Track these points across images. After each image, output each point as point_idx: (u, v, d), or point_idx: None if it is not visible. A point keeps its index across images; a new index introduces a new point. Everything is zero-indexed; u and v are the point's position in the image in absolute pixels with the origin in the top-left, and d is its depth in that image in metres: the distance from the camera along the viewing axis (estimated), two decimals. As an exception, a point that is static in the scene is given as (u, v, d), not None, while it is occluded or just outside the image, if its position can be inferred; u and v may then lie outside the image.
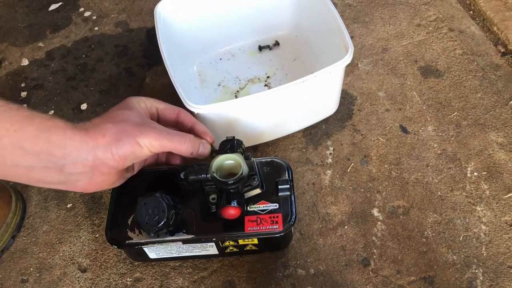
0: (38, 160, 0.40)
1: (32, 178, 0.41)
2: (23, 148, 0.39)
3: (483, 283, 0.55)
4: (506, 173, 0.64)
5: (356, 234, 0.60)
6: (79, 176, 0.43)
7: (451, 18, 0.84)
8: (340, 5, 0.88)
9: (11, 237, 0.63)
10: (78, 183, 0.44)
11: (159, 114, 0.52)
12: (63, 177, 0.42)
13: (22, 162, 0.40)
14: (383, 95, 0.74)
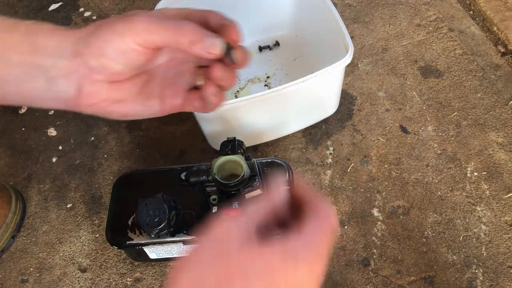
0: (22, 70, 0.35)
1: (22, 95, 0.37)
2: (7, 58, 0.35)
3: (483, 283, 0.55)
4: (506, 173, 0.64)
5: (356, 234, 0.60)
6: (66, 85, 0.36)
7: (451, 18, 0.84)
8: (340, 5, 0.88)
9: (11, 237, 0.63)
10: (69, 95, 0.36)
11: None
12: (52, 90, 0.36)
13: (8, 75, 0.35)
14: (383, 95, 0.74)
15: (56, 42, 0.35)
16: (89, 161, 0.71)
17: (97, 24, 0.34)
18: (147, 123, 0.75)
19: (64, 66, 0.35)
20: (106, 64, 0.35)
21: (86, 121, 0.76)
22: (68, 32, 0.35)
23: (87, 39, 0.34)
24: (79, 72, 0.35)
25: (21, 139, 0.75)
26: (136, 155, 0.71)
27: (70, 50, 0.34)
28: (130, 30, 0.33)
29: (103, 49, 0.34)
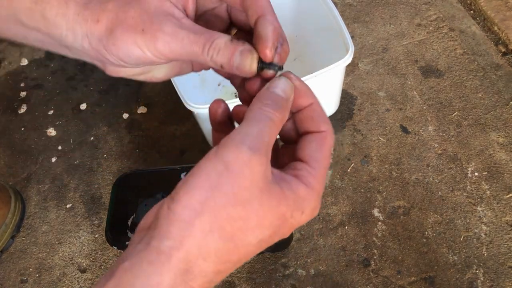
0: (41, 36, 0.32)
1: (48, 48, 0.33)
2: (21, 21, 0.31)
3: (483, 283, 0.55)
4: (507, 173, 0.64)
5: (356, 235, 0.60)
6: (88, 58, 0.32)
7: (452, 18, 0.84)
8: (340, 4, 0.88)
9: (11, 238, 0.63)
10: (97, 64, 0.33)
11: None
12: (76, 55, 0.32)
13: (27, 35, 0.32)
14: (383, 95, 0.74)
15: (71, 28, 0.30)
16: (89, 161, 0.71)
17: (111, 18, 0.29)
18: (147, 123, 0.75)
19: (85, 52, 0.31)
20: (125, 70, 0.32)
21: (86, 121, 0.76)
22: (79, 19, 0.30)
23: (101, 41, 0.30)
24: (99, 59, 0.32)
25: (21, 139, 0.75)
26: (136, 155, 0.71)
27: (87, 45, 0.31)
28: (154, 48, 0.29)
29: (123, 58, 0.30)
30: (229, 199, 0.24)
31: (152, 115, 0.76)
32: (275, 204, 0.25)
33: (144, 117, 0.75)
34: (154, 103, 0.77)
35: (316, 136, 0.28)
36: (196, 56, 0.29)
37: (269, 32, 0.29)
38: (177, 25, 0.29)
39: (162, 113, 0.76)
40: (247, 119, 0.26)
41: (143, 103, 0.77)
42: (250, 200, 0.25)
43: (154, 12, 0.29)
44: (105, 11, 0.29)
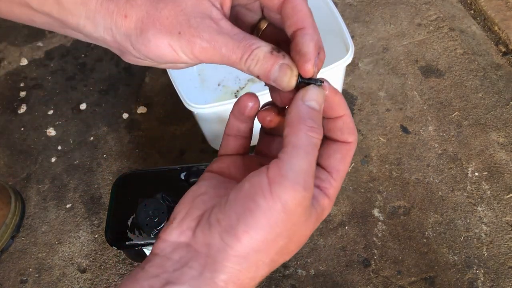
0: (52, 21, 0.30)
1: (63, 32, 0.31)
2: (29, 5, 0.29)
3: (484, 283, 0.55)
4: (507, 173, 0.64)
5: (356, 235, 0.60)
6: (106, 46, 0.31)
7: (452, 18, 0.83)
8: (340, 4, 0.88)
9: (10, 238, 0.63)
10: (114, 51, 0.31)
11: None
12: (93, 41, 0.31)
13: (34, 18, 0.30)
14: (383, 95, 0.74)
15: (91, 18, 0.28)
16: (89, 161, 0.71)
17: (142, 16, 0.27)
18: (147, 123, 0.74)
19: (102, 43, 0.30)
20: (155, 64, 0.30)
21: (85, 121, 0.76)
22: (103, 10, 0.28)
23: (128, 37, 0.28)
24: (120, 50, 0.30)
25: (20, 139, 0.75)
26: (136, 155, 0.71)
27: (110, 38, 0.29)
28: (187, 51, 0.27)
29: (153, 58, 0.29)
30: (283, 235, 0.26)
31: (152, 115, 0.76)
32: (312, 226, 0.27)
33: (144, 117, 0.75)
34: (154, 103, 0.77)
35: (342, 147, 0.29)
36: (232, 64, 0.28)
37: (310, 49, 0.27)
38: (215, 31, 0.27)
39: (162, 113, 0.75)
40: (295, 146, 0.25)
41: (143, 103, 0.77)
42: (297, 231, 0.26)
43: (192, 12, 0.27)
44: (134, 7, 0.27)
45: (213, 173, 0.31)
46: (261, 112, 0.31)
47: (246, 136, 0.33)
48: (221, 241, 0.25)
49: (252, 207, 0.25)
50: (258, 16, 0.32)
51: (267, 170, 0.25)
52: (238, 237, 0.25)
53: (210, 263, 0.25)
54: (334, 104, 0.28)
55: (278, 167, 0.25)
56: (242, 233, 0.25)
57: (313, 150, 0.26)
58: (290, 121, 0.26)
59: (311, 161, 0.25)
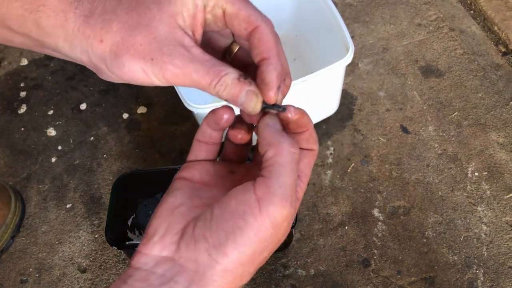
0: (30, 42, 0.31)
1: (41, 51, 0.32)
2: (11, 28, 0.30)
3: (483, 283, 0.55)
4: (507, 173, 0.64)
5: (356, 235, 0.60)
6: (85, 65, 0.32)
7: (452, 18, 0.84)
8: (340, 4, 0.88)
9: (11, 238, 0.63)
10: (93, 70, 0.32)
11: (226, 20, 0.31)
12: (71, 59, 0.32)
13: (13, 39, 0.31)
14: (383, 95, 0.74)
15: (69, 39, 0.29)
16: (89, 161, 0.71)
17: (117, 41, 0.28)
18: (147, 123, 0.75)
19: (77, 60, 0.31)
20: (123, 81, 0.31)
21: (86, 121, 0.76)
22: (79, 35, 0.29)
23: (103, 60, 0.29)
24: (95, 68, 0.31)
25: (20, 139, 0.75)
26: (136, 155, 0.71)
27: (87, 59, 0.30)
28: (159, 76, 0.29)
29: (126, 79, 0.30)
30: (269, 247, 0.28)
31: (152, 115, 0.76)
32: (286, 229, 0.29)
33: (144, 117, 0.75)
34: (154, 103, 0.77)
35: (308, 153, 0.32)
36: (203, 88, 0.29)
37: (273, 78, 0.29)
38: (187, 58, 0.29)
39: (162, 113, 0.75)
40: (282, 165, 0.27)
41: (143, 103, 0.77)
42: (280, 239, 0.28)
43: (165, 40, 0.28)
44: (109, 33, 0.28)
45: (185, 180, 0.32)
46: (233, 130, 0.33)
47: (217, 142, 0.34)
48: (209, 257, 0.26)
49: (241, 224, 0.26)
50: (230, 40, 0.34)
51: (255, 188, 0.27)
52: (227, 253, 0.26)
53: (198, 279, 0.26)
54: (302, 123, 0.31)
55: (266, 186, 0.27)
56: (231, 249, 0.26)
57: (296, 166, 0.28)
58: (270, 142, 0.28)
59: (295, 177, 0.28)
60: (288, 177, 0.27)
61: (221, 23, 0.31)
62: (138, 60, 0.28)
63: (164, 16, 0.29)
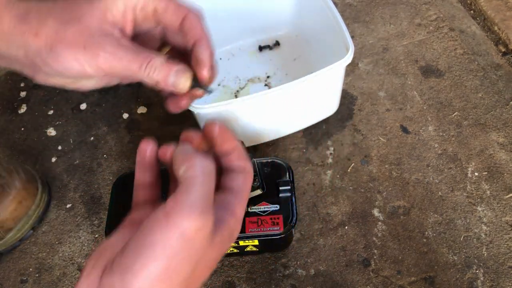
0: None
1: None
2: None
3: (483, 283, 0.55)
4: (507, 173, 0.64)
5: (356, 235, 0.60)
6: (20, 66, 0.34)
7: (452, 18, 0.84)
8: (340, 4, 0.88)
9: (31, 229, 0.63)
10: (27, 73, 0.34)
11: (158, 17, 0.34)
12: (7, 63, 0.34)
13: None
14: (383, 95, 0.74)
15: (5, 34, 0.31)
16: (89, 161, 0.71)
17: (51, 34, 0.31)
18: (147, 123, 0.75)
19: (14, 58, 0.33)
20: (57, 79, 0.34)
21: (86, 121, 0.76)
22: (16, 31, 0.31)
23: (39, 53, 0.31)
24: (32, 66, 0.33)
25: (20, 139, 0.75)
26: (136, 155, 0.71)
27: (23, 53, 0.32)
28: (92, 63, 0.31)
29: (61, 72, 0.32)
30: (186, 262, 0.26)
31: (152, 115, 0.76)
32: (218, 249, 0.29)
33: (144, 117, 0.75)
34: (154, 103, 0.77)
35: (242, 170, 0.32)
36: (133, 73, 0.32)
37: (206, 56, 0.33)
38: (117, 45, 0.31)
39: (162, 113, 0.75)
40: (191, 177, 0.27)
41: (143, 103, 0.77)
42: (203, 256, 0.27)
43: (96, 31, 0.31)
44: (45, 26, 0.31)
45: (130, 223, 0.33)
46: (160, 149, 0.34)
47: (153, 185, 0.35)
48: (122, 282, 0.26)
49: (147, 241, 0.26)
50: (160, 42, 0.37)
51: (165, 205, 0.27)
52: (136, 274, 0.25)
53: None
54: (226, 138, 0.31)
55: (174, 200, 0.26)
56: (140, 269, 0.25)
57: (209, 178, 0.28)
58: (182, 160, 0.28)
59: (208, 188, 0.27)
60: (199, 188, 0.27)
61: (152, 21, 0.34)
62: (72, 49, 0.31)
63: (95, 12, 0.31)
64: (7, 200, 0.60)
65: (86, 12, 0.31)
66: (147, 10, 0.33)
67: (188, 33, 0.34)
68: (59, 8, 0.32)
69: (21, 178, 0.62)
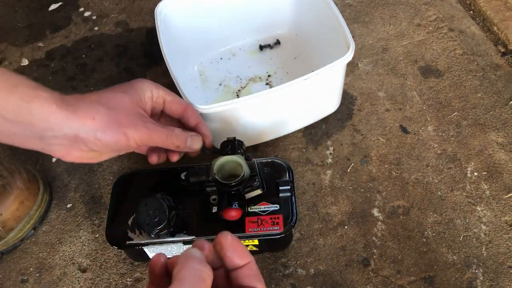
0: (19, 129, 0.40)
1: (14, 142, 0.42)
2: (5, 117, 0.39)
3: (483, 283, 0.55)
4: (506, 173, 0.64)
5: (356, 234, 0.60)
6: (58, 147, 0.43)
7: (451, 18, 0.84)
8: (340, 5, 0.88)
9: (32, 228, 0.63)
10: (57, 152, 0.43)
11: (165, 106, 0.50)
12: (43, 145, 0.42)
13: (5, 129, 0.39)
14: (383, 95, 0.74)
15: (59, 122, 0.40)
16: (89, 161, 0.71)
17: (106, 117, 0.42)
18: (147, 123, 0.75)
19: (61, 139, 0.41)
20: (103, 150, 0.44)
21: (86, 121, 0.76)
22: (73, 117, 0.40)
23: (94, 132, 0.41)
24: (75, 144, 0.42)
25: (21, 139, 0.75)
26: (136, 155, 0.71)
27: (73, 134, 0.41)
28: (138, 137, 0.44)
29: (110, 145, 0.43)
30: None
31: (152, 115, 0.76)
32: None
33: (144, 117, 0.75)
34: (154, 103, 0.77)
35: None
36: (163, 140, 0.46)
37: (208, 132, 0.52)
38: (149, 122, 0.45)
39: (162, 113, 0.76)
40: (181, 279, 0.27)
41: (143, 103, 0.77)
42: None
43: (134, 114, 0.45)
44: (98, 113, 0.42)
45: None
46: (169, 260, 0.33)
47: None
48: None
49: None
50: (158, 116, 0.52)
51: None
52: None
53: None
54: (238, 253, 0.30)
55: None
56: None
57: (200, 284, 0.27)
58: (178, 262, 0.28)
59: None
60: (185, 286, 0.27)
61: (161, 107, 0.50)
62: (121, 128, 0.43)
63: (131, 102, 0.45)
64: (9, 200, 0.60)
65: (125, 102, 0.44)
66: (159, 101, 0.49)
67: (190, 118, 0.51)
68: (105, 99, 0.43)
69: (23, 178, 0.62)
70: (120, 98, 0.44)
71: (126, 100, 0.45)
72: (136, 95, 0.46)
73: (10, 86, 0.38)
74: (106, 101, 0.43)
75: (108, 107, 0.42)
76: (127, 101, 0.45)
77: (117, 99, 0.44)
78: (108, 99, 0.43)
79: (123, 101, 0.44)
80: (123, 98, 0.45)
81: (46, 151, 0.43)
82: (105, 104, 0.43)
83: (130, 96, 0.45)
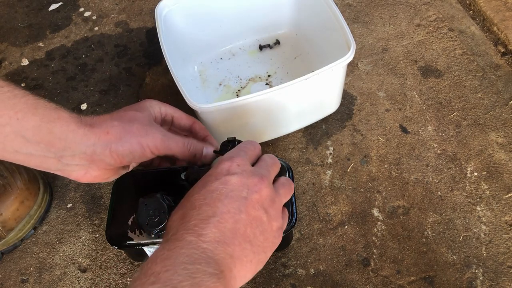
0: (37, 149, 0.41)
1: (30, 163, 0.43)
2: (25, 137, 0.40)
3: (483, 283, 0.55)
4: (506, 173, 0.64)
5: (356, 234, 0.60)
6: (75, 167, 0.45)
7: (451, 18, 0.84)
8: (340, 5, 0.88)
9: (32, 228, 0.63)
10: (73, 173, 0.45)
11: (173, 122, 0.54)
12: (60, 166, 0.44)
13: (22, 149, 0.41)
14: (383, 95, 0.74)
15: (77, 140, 0.42)
16: (89, 161, 0.71)
17: (119, 130, 0.44)
18: (147, 123, 0.75)
19: (79, 159, 0.43)
20: (121, 163, 0.46)
21: (86, 121, 0.76)
22: (89, 134, 0.42)
23: (109, 145, 0.43)
24: (92, 163, 0.44)
25: (21, 139, 0.75)
26: (136, 155, 0.71)
27: (90, 151, 0.43)
28: (153, 145, 0.46)
29: (125, 156, 0.45)
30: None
31: (152, 115, 0.76)
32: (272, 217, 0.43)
33: (144, 117, 0.76)
34: (154, 103, 0.77)
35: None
36: (179, 149, 0.48)
37: (216, 143, 0.54)
38: (165, 132, 0.48)
39: (162, 113, 0.76)
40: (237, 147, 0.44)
41: (143, 103, 0.77)
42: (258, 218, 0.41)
43: (148, 126, 0.47)
44: (113, 127, 0.44)
45: None
46: None
47: None
48: None
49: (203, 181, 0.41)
50: None
51: None
52: None
53: None
54: None
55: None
56: None
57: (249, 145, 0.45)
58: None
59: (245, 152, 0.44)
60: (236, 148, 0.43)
61: (169, 125, 0.54)
62: (137, 137, 0.45)
63: (145, 116, 0.48)
64: (9, 200, 0.60)
65: (139, 116, 0.47)
66: (167, 118, 0.53)
67: (199, 132, 0.54)
68: (118, 116, 0.46)
69: (23, 178, 0.62)
70: (133, 114, 0.47)
71: (139, 115, 0.47)
72: (147, 111, 0.49)
73: (30, 106, 0.40)
74: (119, 117, 0.45)
75: (121, 121, 0.45)
76: (139, 116, 0.47)
77: (129, 115, 0.47)
78: (120, 115, 0.46)
79: (136, 115, 0.47)
80: (135, 114, 0.47)
81: (62, 172, 0.45)
82: (118, 119, 0.45)
83: (141, 112, 0.48)
